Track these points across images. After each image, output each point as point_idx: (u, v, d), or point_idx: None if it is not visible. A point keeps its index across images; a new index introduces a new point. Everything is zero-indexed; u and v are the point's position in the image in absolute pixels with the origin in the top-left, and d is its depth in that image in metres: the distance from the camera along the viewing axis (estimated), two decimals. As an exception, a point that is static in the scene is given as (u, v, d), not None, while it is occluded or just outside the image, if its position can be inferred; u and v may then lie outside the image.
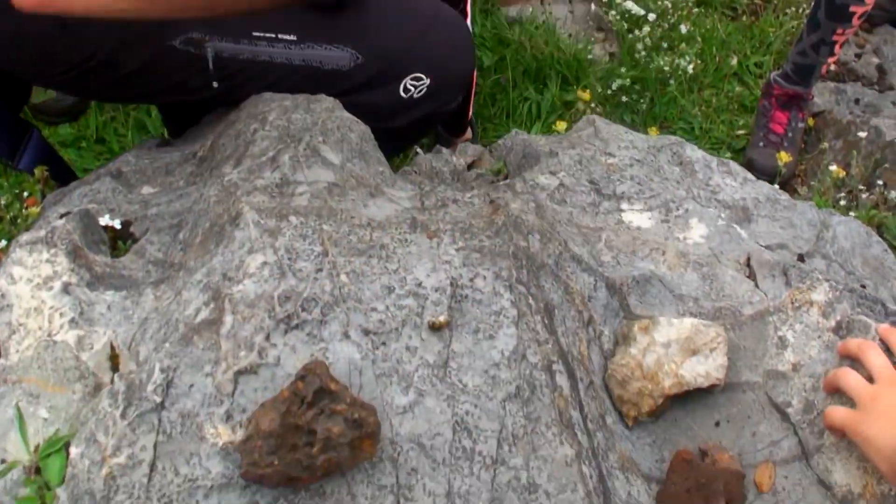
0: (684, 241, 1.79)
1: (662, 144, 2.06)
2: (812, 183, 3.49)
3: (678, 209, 1.86)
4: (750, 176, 2.07)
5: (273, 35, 1.97)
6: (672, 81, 3.91)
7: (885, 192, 3.20)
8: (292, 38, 1.99)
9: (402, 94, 2.09)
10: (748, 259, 1.76)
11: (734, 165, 2.08)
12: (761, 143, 3.60)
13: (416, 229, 1.54)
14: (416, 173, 2.28)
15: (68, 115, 3.54)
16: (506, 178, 2.12)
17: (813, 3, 3.37)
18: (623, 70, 3.91)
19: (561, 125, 3.45)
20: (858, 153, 3.42)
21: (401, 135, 2.23)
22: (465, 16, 3.18)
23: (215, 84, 1.99)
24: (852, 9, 3.18)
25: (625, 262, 1.69)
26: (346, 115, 1.93)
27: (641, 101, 3.84)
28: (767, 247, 1.85)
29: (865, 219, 2.99)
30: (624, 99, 3.84)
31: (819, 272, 1.73)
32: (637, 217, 1.84)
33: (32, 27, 1.82)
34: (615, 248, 1.72)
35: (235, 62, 1.97)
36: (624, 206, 1.87)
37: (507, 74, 3.86)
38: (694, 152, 2.06)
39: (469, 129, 3.57)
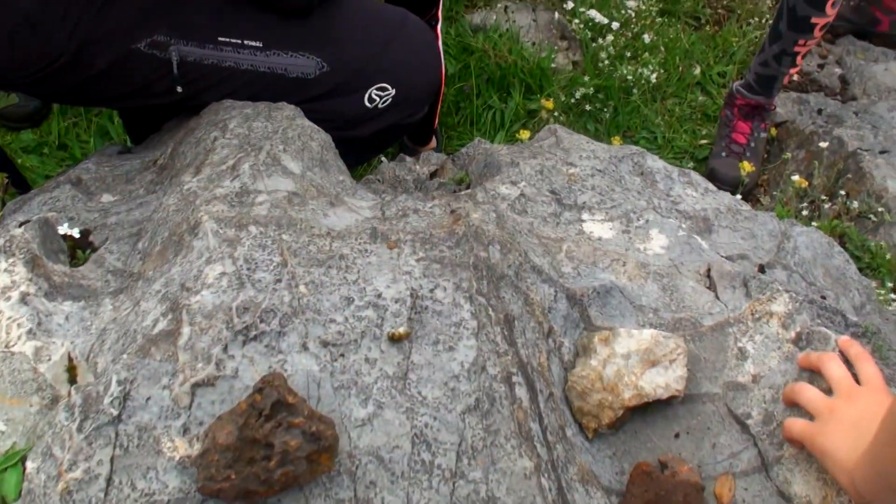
0: (645, 252, 1.79)
1: (624, 154, 2.07)
2: (775, 193, 3.51)
3: (639, 220, 1.87)
4: (711, 186, 2.08)
5: (239, 41, 1.97)
6: (635, 90, 3.92)
7: (848, 203, 3.21)
8: (258, 44, 1.98)
9: (367, 103, 2.09)
10: (708, 270, 1.76)
11: (695, 176, 2.08)
12: (724, 153, 3.61)
13: (376, 239, 1.54)
14: (380, 181, 2.27)
15: (30, 121, 3.52)
16: (468, 187, 2.12)
17: (775, 14, 3.38)
18: (586, 79, 3.91)
19: (525, 134, 3.45)
20: (821, 163, 3.43)
21: (365, 145, 2.23)
22: (437, 20, 3.20)
23: (179, 88, 1.98)
24: (814, 20, 3.20)
25: (585, 272, 1.69)
26: (308, 123, 1.93)
27: (605, 110, 3.85)
28: (728, 257, 1.85)
29: (828, 229, 3.01)
30: (587, 108, 3.84)
31: (779, 283, 1.74)
32: (598, 227, 1.84)
33: None
34: (576, 258, 1.72)
35: (200, 67, 1.97)
36: (585, 216, 1.87)
37: (470, 82, 3.85)
38: (655, 162, 2.07)
39: (434, 139, 3.57)
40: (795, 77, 4.11)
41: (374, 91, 2.09)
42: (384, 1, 2.99)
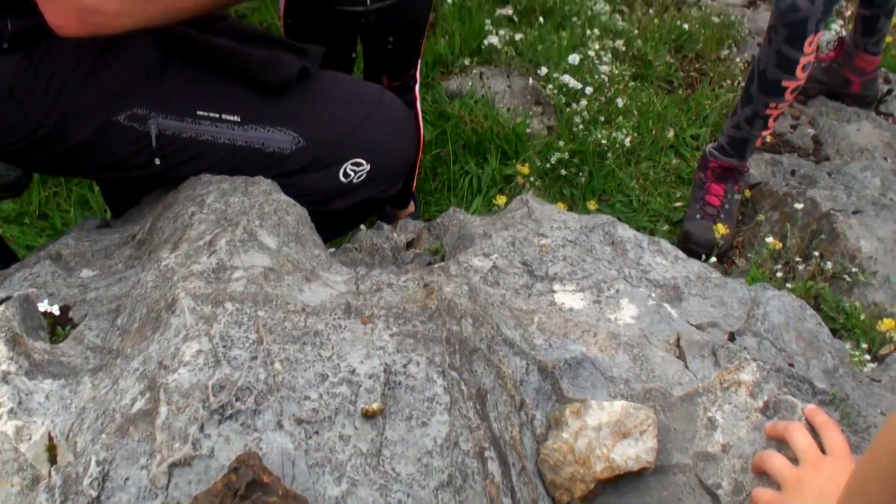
0: (615, 322, 1.81)
1: (594, 224, 2.09)
2: (749, 255, 3.55)
3: (609, 289, 1.89)
4: (681, 254, 2.11)
5: (217, 115, 2.00)
6: (610, 154, 3.96)
7: (822, 264, 3.25)
8: (236, 119, 2.01)
9: (342, 178, 2.11)
10: (678, 339, 1.79)
11: (665, 244, 2.11)
12: (698, 216, 3.64)
13: (350, 315, 1.56)
14: (357, 250, 2.30)
15: (11, 191, 3.53)
16: (443, 258, 2.15)
17: (747, 76, 3.43)
18: (561, 143, 3.96)
19: (501, 199, 3.49)
20: (794, 225, 3.47)
21: (340, 219, 2.25)
22: (415, 81, 3.25)
23: (157, 161, 2.01)
24: (784, 83, 3.24)
25: (557, 344, 1.71)
26: (284, 197, 1.96)
27: (580, 174, 3.89)
28: (698, 326, 1.88)
29: (802, 290, 3.04)
30: (563, 172, 3.88)
31: (748, 351, 1.76)
32: (569, 298, 1.86)
33: None
34: (547, 330, 1.74)
35: (178, 140, 1.99)
36: (556, 287, 1.89)
37: (447, 149, 3.89)
38: (625, 231, 2.10)
39: (412, 203, 3.61)
40: (768, 138, 4.16)
41: (349, 166, 2.11)
42: (362, 77, 3.05)
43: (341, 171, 2.11)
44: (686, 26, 4.83)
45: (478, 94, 4.14)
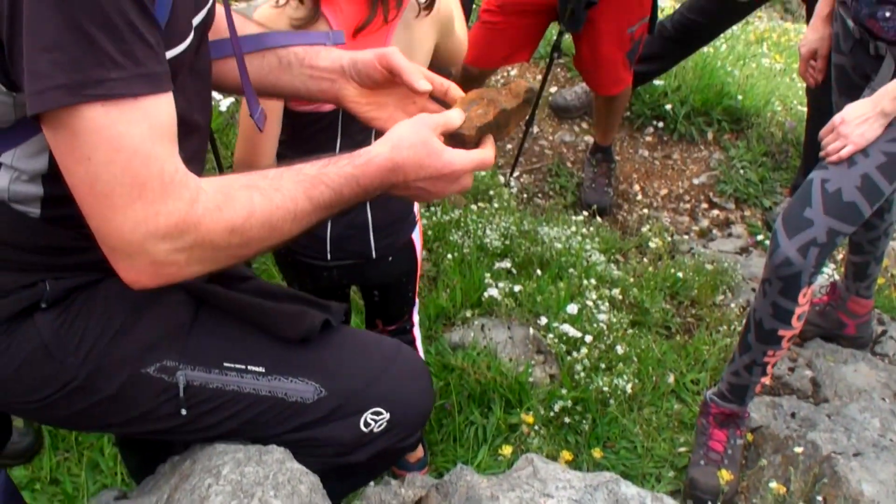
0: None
1: (598, 482, 2.14)
2: (755, 500, 3.56)
3: (616, 551, 1.94)
4: (683, 510, 2.16)
5: (243, 366, 2.07)
6: (612, 401, 4.00)
7: (825, 508, 3.27)
8: (261, 370, 2.08)
9: (363, 427, 2.16)
10: None
11: (668, 500, 2.16)
12: (702, 462, 3.67)
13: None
14: (365, 508, 2.34)
15: (22, 458, 3.56)
16: (452, 520, 2.19)
17: (744, 325, 3.51)
18: (564, 391, 4.00)
19: (507, 449, 3.54)
20: (797, 468, 3.50)
21: (359, 471, 2.28)
22: (412, 325, 3.37)
23: (184, 411, 2.06)
24: (780, 332, 3.32)
25: None
26: (297, 466, 2.01)
27: (583, 421, 3.92)
28: (703, 583, 1.91)
29: (808, 535, 3.06)
30: (566, 420, 3.92)
31: None
32: (577, 562, 1.91)
33: (17, 351, 1.93)
34: None
35: (205, 390, 2.06)
36: (564, 550, 1.94)
37: (451, 399, 3.95)
38: (628, 489, 2.14)
39: (421, 447, 3.66)
40: (767, 382, 4.22)
41: (370, 415, 2.16)
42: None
43: (362, 420, 2.16)
44: (680, 274, 4.94)
45: (480, 345, 4.21)
